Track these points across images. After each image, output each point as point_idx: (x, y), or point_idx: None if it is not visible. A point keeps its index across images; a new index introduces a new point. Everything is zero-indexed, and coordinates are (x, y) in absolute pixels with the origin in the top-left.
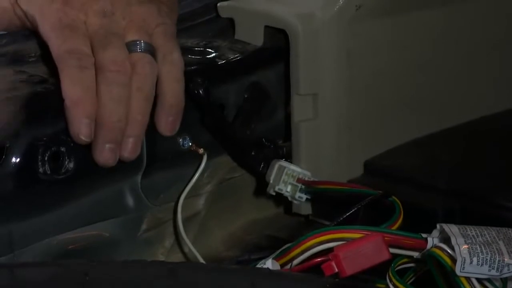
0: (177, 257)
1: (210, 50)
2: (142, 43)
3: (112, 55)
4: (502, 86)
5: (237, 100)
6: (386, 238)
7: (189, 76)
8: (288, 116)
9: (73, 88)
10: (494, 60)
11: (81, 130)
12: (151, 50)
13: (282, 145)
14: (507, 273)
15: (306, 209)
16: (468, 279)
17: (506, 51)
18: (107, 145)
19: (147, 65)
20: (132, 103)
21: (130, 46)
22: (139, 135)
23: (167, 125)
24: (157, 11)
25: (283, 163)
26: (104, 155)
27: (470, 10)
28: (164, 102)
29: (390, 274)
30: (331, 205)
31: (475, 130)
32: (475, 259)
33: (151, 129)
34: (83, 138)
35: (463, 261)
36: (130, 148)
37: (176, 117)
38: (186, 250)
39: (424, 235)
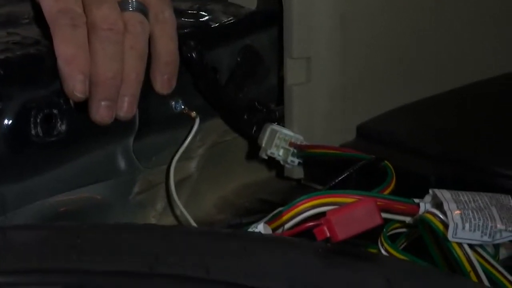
0: (169, 220)
1: (203, 13)
2: (134, 2)
3: (105, 14)
4: (497, 51)
5: (230, 64)
6: (378, 203)
7: (182, 39)
8: (281, 80)
9: (66, 46)
10: (488, 26)
11: (75, 86)
12: (143, 9)
13: (274, 109)
14: (499, 239)
15: (298, 173)
16: (460, 244)
17: (500, 17)
18: (103, 103)
19: (138, 24)
20: (125, 61)
21: (122, 5)
22: (134, 93)
23: (163, 83)
24: None
25: (275, 127)
26: (101, 113)
27: None
28: (159, 60)
29: (382, 239)
30: (323, 169)
31: (469, 96)
32: (467, 225)
33: (144, 92)
34: (78, 94)
35: (455, 226)
36: (126, 107)
37: (172, 75)
38: (178, 213)
39: (416, 200)
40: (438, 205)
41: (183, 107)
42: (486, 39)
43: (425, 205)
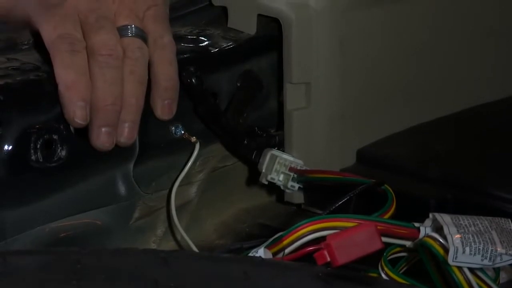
0: (169, 245)
1: (203, 38)
2: (133, 28)
3: (104, 39)
4: (496, 75)
5: (229, 89)
6: (378, 227)
7: (181, 65)
8: (280, 105)
9: (67, 72)
10: (488, 49)
11: (76, 113)
12: (142, 35)
13: (274, 134)
14: (499, 262)
15: (299, 198)
16: (460, 268)
17: (500, 39)
18: (103, 129)
19: (137, 49)
20: (125, 87)
21: (121, 31)
22: (134, 119)
23: (163, 108)
24: None
25: (275, 152)
26: (101, 139)
27: None
28: (159, 86)
29: (383, 263)
30: (324, 194)
31: (469, 119)
32: (467, 249)
33: (144, 117)
34: (78, 121)
35: (455, 250)
36: (126, 133)
37: (172, 100)
38: (178, 238)
39: (416, 224)
40: (438, 229)
41: (183, 132)
42: (487, 63)
43: (425, 229)
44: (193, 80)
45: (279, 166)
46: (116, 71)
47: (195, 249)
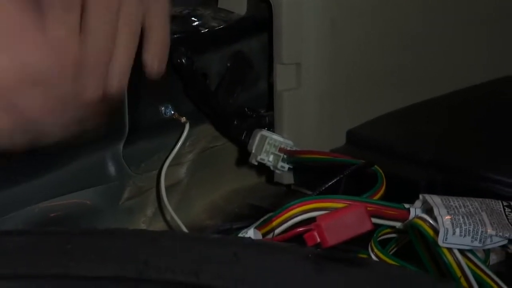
0: (159, 226)
1: (193, 18)
2: None
3: None
4: (486, 57)
5: (220, 69)
6: (368, 208)
7: (172, 45)
8: (271, 86)
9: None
10: (479, 32)
11: None
12: None
13: (264, 115)
14: (489, 244)
15: (288, 179)
16: (450, 250)
17: (492, 22)
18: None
19: (133, 3)
20: (118, 39)
21: None
22: (124, 71)
23: (153, 62)
24: None
25: (265, 132)
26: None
27: None
28: (150, 39)
29: (372, 244)
30: (313, 174)
31: (458, 101)
32: (457, 230)
33: (134, 97)
34: None
35: (445, 232)
36: (116, 84)
37: (163, 55)
38: (168, 218)
39: (406, 206)
40: (428, 210)
41: (173, 112)
42: (477, 45)
43: (415, 211)
44: (183, 60)
45: (269, 147)
46: (110, 24)
47: (184, 229)
